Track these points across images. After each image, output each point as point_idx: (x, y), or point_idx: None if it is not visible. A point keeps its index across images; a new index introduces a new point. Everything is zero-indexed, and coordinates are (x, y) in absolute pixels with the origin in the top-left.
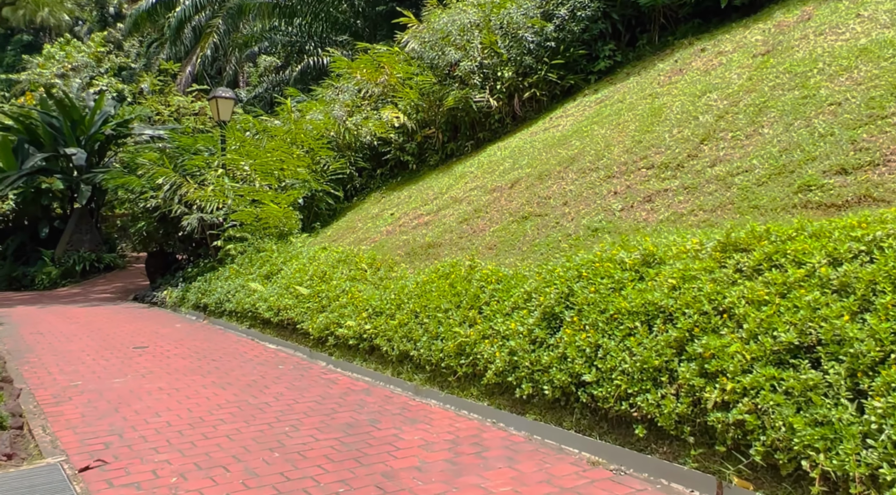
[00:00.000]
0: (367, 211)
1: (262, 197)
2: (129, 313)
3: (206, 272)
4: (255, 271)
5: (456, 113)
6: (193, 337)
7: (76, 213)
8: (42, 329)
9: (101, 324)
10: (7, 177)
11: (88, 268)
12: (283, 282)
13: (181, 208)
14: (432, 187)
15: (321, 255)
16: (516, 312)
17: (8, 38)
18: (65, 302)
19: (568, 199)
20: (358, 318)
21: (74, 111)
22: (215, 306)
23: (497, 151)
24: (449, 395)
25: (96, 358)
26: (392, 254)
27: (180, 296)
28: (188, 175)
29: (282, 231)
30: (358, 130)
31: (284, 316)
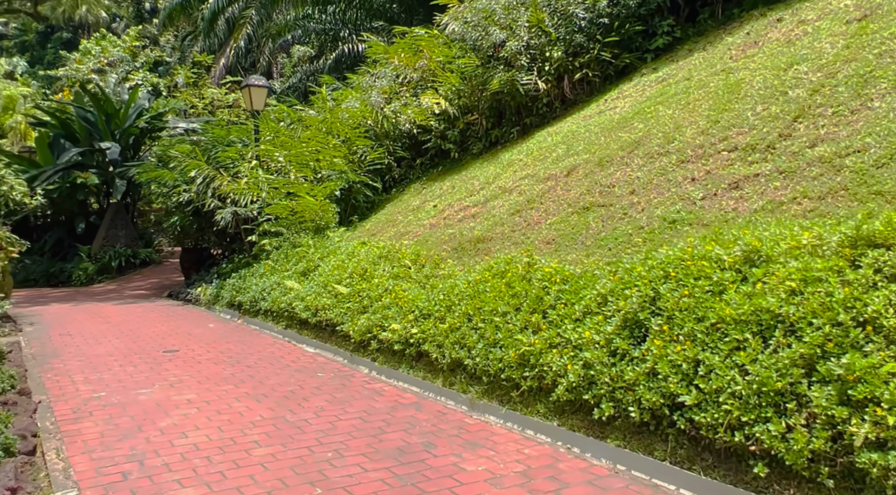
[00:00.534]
0: (408, 203)
1: (297, 189)
2: (163, 312)
3: (241, 268)
4: (291, 268)
5: (500, 97)
6: (227, 338)
7: (112, 208)
8: (72, 329)
9: (133, 323)
10: (43, 172)
11: (124, 264)
12: (321, 280)
13: (214, 202)
14: (477, 177)
15: (361, 251)
16: (589, 318)
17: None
18: (99, 299)
19: (635, 187)
20: (403, 321)
21: (109, 105)
22: (250, 305)
23: (547, 137)
24: (511, 412)
25: (124, 363)
26: (437, 249)
27: (214, 294)
28: (221, 167)
29: (318, 225)
30: (396, 118)
31: (323, 316)
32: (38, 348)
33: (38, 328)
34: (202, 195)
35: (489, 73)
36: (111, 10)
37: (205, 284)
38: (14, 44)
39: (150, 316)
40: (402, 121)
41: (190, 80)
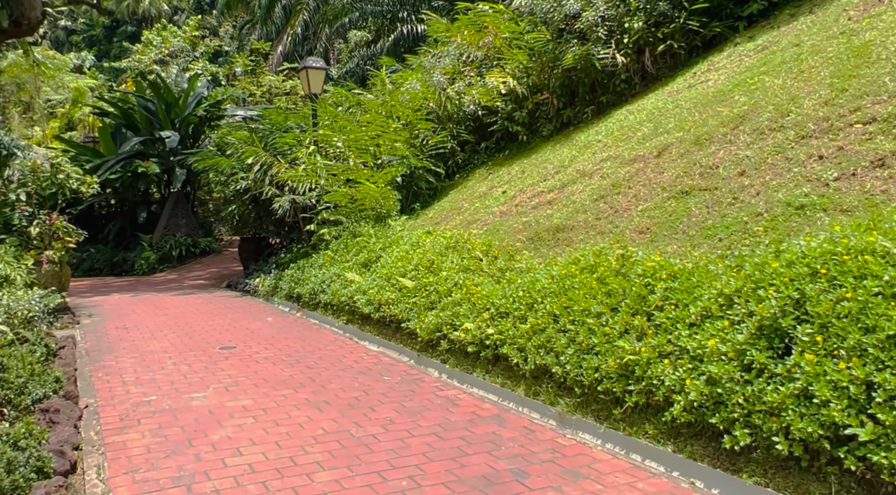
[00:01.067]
0: (473, 189)
1: (356, 175)
2: (221, 303)
3: (299, 258)
4: (352, 258)
5: (573, 74)
6: (286, 333)
7: (172, 197)
8: (129, 322)
9: (191, 316)
10: (106, 161)
11: (184, 253)
12: (384, 272)
13: (272, 190)
14: (550, 160)
15: (426, 241)
16: (709, 323)
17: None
18: (159, 289)
19: (745, 168)
20: (477, 320)
21: (168, 94)
22: (309, 297)
23: (628, 115)
24: (611, 431)
25: (178, 361)
26: (511, 239)
27: (273, 285)
28: (279, 154)
29: (379, 213)
30: (460, 99)
31: (386, 312)
32: (93, 342)
33: (95, 320)
34: (259, 183)
35: (561, 47)
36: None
37: (263, 275)
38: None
39: (207, 308)
40: (466, 102)
41: (248, 67)
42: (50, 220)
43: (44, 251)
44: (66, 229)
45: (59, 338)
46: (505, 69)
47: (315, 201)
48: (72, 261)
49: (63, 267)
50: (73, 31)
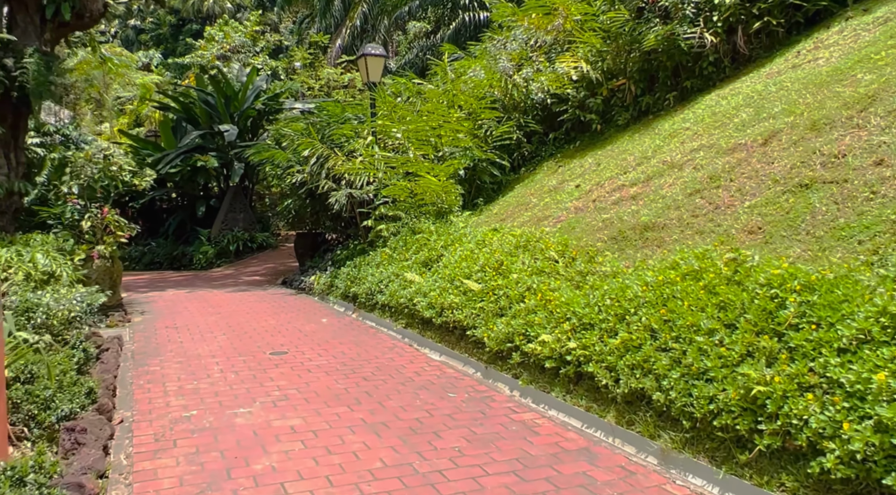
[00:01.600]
0: (541, 183)
1: (417, 168)
2: (275, 302)
3: (356, 256)
4: (411, 257)
5: (654, 57)
6: (341, 338)
7: (230, 192)
8: (179, 321)
9: (243, 315)
10: (166, 155)
11: (242, 248)
12: (447, 273)
13: (328, 183)
14: (629, 151)
15: (493, 239)
16: (869, 350)
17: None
18: (214, 285)
19: (883, 156)
20: (556, 331)
21: (227, 87)
22: (365, 297)
23: (720, 100)
24: (734, 478)
25: (225, 368)
26: (589, 238)
27: (328, 283)
28: (336, 146)
29: (440, 208)
30: (527, 86)
31: (449, 317)
32: (141, 344)
33: (146, 318)
34: (316, 176)
35: (640, 28)
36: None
37: (318, 272)
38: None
39: (261, 306)
40: (534, 89)
41: (306, 61)
42: (102, 214)
43: (95, 246)
44: (117, 223)
45: (106, 339)
46: (577, 54)
47: (373, 196)
48: (133, 255)
49: (115, 262)
50: (142, 31)
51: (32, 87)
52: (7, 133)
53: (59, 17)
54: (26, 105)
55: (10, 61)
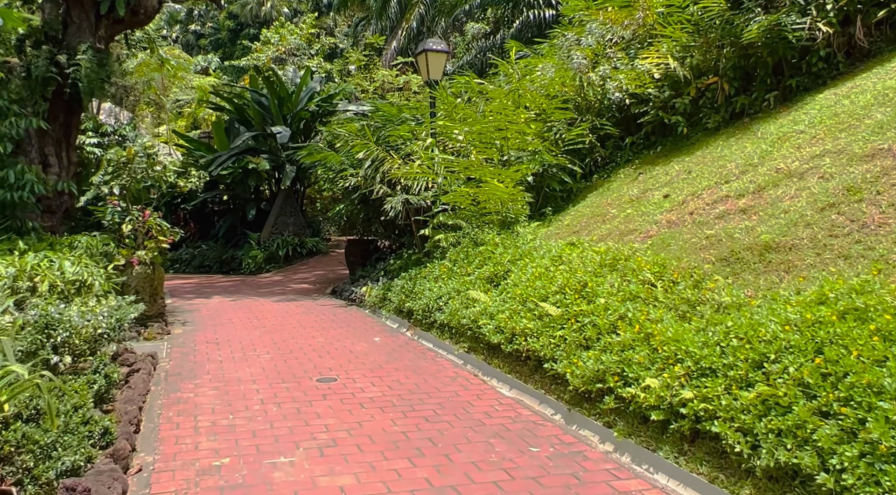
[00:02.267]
0: (619, 192)
1: (481, 173)
2: (323, 315)
3: (411, 267)
4: (474, 272)
5: (753, 52)
6: (396, 361)
7: (281, 195)
8: (222, 335)
9: (289, 330)
10: (218, 156)
11: (291, 253)
12: (518, 293)
13: (383, 188)
14: (726, 157)
15: (571, 255)
16: None
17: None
18: (262, 292)
19: None
20: (664, 374)
21: (282, 89)
22: (422, 314)
23: (841, 100)
24: None
25: (266, 398)
26: (691, 258)
27: (380, 296)
28: (391, 149)
29: (505, 218)
30: (604, 85)
31: (522, 345)
32: (177, 362)
33: (187, 330)
34: (370, 180)
35: (738, 19)
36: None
37: (370, 283)
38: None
39: (308, 320)
40: (611, 89)
41: (361, 63)
42: (143, 217)
43: (135, 251)
44: (159, 227)
45: (139, 357)
46: (660, 49)
47: (431, 202)
48: (183, 257)
49: (156, 269)
50: (202, 36)
51: (85, 85)
52: (59, 131)
53: (113, 13)
54: (79, 103)
55: (63, 58)
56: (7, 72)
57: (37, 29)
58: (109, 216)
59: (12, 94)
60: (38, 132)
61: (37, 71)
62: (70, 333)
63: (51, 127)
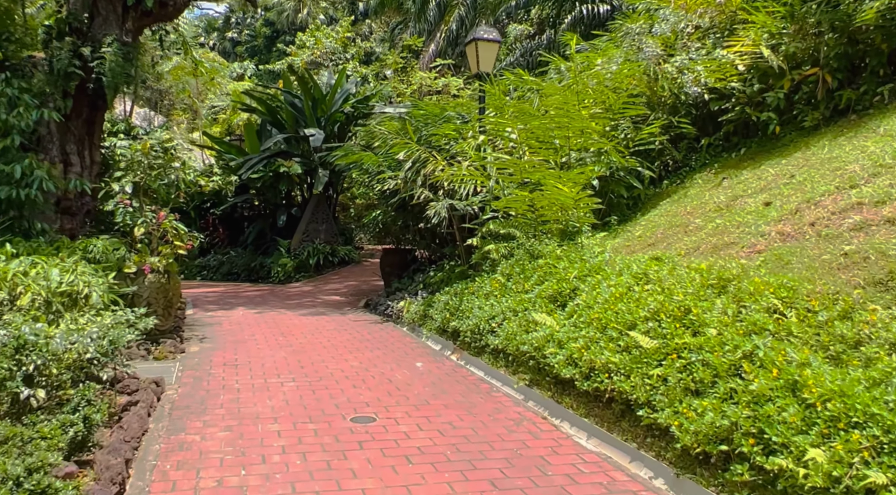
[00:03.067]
0: (700, 199)
1: (540, 175)
2: (357, 332)
3: (455, 280)
4: (533, 289)
5: (863, 38)
6: (444, 395)
7: (313, 200)
8: (241, 355)
9: (318, 351)
10: (248, 159)
11: (322, 262)
12: (594, 317)
13: (425, 192)
14: (844, 158)
15: (660, 273)
16: None
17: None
18: (290, 304)
19: None
20: (838, 444)
21: (316, 89)
22: (471, 336)
23: None
24: None
25: (289, 445)
26: (829, 280)
27: (421, 312)
28: (434, 149)
29: (565, 227)
30: (680, 78)
31: (604, 383)
32: (187, 390)
33: (204, 349)
34: (410, 183)
35: (844, 1)
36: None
37: (408, 298)
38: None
39: (340, 338)
40: (687, 82)
41: (398, 65)
42: (158, 220)
43: (147, 257)
44: (176, 231)
45: (142, 382)
46: (747, 38)
47: (479, 208)
48: (211, 264)
49: (172, 278)
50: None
51: (109, 79)
52: (81, 128)
53: (141, 5)
54: (103, 99)
55: (87, 50)
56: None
57: (61, 20)
58: (120, 217)
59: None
60: (59, 128)
61: (59, 64)
62: (46, 360)
63: (73, 124)
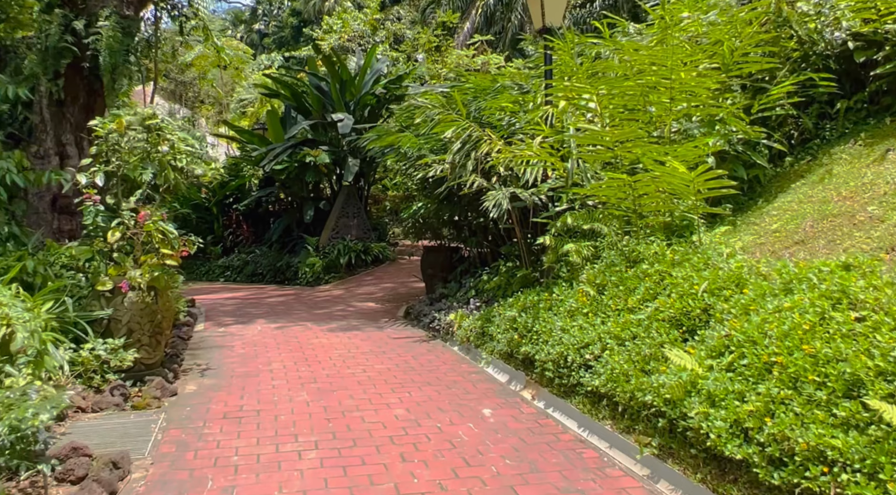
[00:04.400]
0: (860, 179)
1: (641, 151)
2: (399, 357)
3: (517, 287)
4: (642, 306)
5: None
6: (534, 476)
7: (343, 193)
8: (251, 399)
9: (352, 388)
10: (272, 149)
11: (354, 261)
12: (772, 362)
13: (478, 180)
14: None
15: (869, 293)
16: None
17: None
18: (318, 315)
19: None
20: None
21: (343, 71)
22: (555, 369)
23: None
24: None
25: None
26: None
27: (477, 329)
28: (487, 127)
29: (669, 221)
30: (815, 21)
31: (821, 482)
32: (160, 472)
33: (204, 388)
34: (459, 169)
35: None
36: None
37: (458, 307)
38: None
39: (378, 367)
40: (824, 26)
41: (431, 44)
42: (138, 221)
43: (127, 270)
44: (163, 236)
45: (96, 462)
46: None
47: (548, 198)
48: (235, 264)
49: (161, 296)
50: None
51: (106, 58)
52: (79, 115)
53: None
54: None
55: (81, 24)
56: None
57: None
58: (90, 218)
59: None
60: (54, 116)
61: (49, 40)
62: None
63: (69, 110)
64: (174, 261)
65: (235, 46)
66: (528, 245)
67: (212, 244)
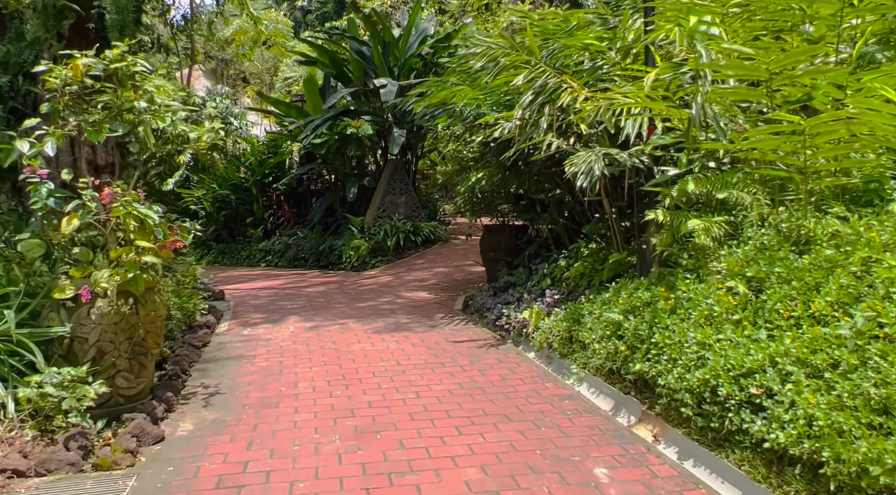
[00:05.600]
0: None
1: (824, 79)
2: (463, 372)
3: (608, 275)
4: (835, 315)
5: None
6: None
7: (389, 167)
8: (260, 451)
9: (403, 429)
10: (310, 122)
11: (403, 243)
12: None
13: (556, 141)
14: None
15: None
16: None
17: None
18: (361, 310)
19: None
20: None
21: (386, 31)
22: (694, 402)
23: None
24: None
25: None
26: None
27: (563, 333)
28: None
29: (845, 183)
30: None
31: None
32: None
33: (202, 427)
34: (531, 128)
35: None
36: None
37: (531, 300)
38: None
39: (438, 389)
40: None
41: (481, 2)
42: (104, 203)
43: (91, 270)
44: (139, 223)
45: None
46: None
47: (651, 160)
48: (276, 247)
49: (144, 305)
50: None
51: (113, 17)
52: None
53: None
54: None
55: None
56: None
57: None
58: (39, 201)
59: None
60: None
61: None
62: None
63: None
64: (156, 255)
65: (274, 18)
66: (642, 223)
67: (252, 226)
